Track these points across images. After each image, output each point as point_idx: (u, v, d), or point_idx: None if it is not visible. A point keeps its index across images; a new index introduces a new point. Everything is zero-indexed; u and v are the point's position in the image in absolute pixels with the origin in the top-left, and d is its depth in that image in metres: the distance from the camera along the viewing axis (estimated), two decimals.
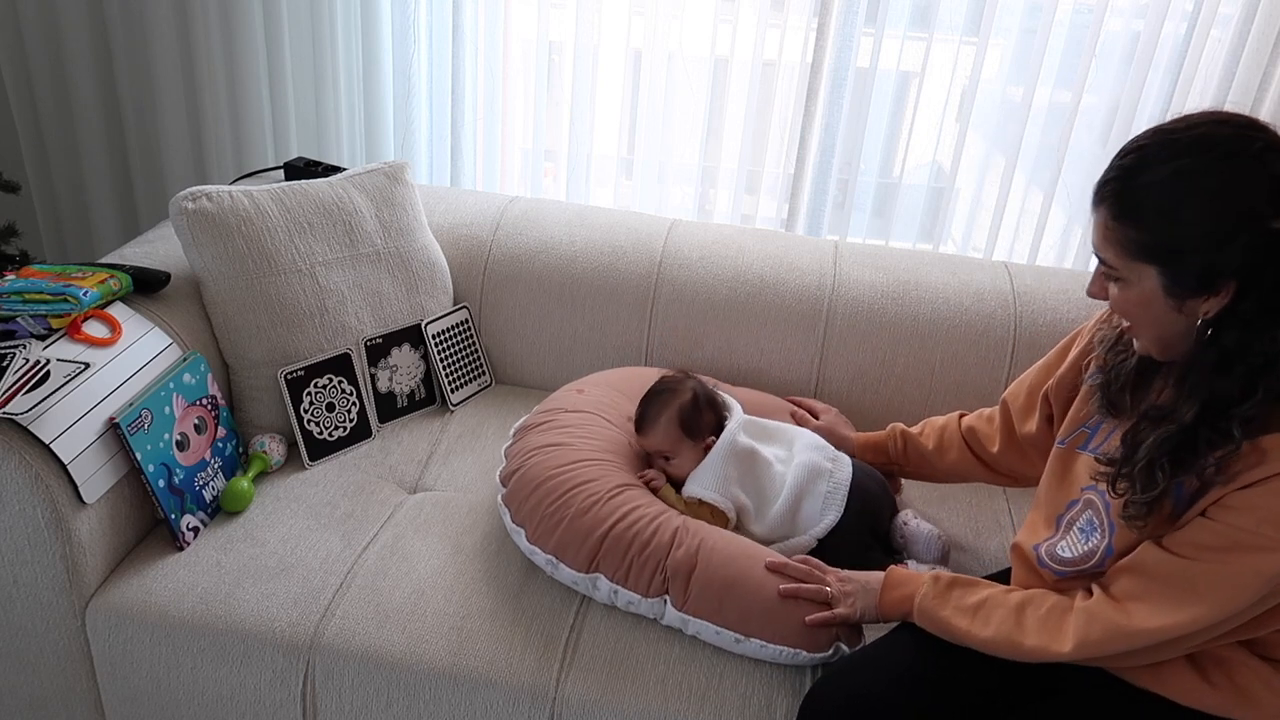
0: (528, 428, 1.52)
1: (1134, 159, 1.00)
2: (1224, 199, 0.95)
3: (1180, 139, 0.97)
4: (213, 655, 1.30)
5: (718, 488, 1.40)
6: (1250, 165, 0.94)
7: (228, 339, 1.57)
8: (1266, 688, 1.03)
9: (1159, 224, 0.98)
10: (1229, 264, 0.95)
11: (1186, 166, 0.96)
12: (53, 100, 2.30)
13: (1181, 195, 0.96)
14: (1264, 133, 0.96)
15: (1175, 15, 2.03)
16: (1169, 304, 1.00)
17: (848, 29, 2.12)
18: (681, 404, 1.45)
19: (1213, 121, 0.98)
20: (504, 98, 2.33)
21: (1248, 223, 0.94)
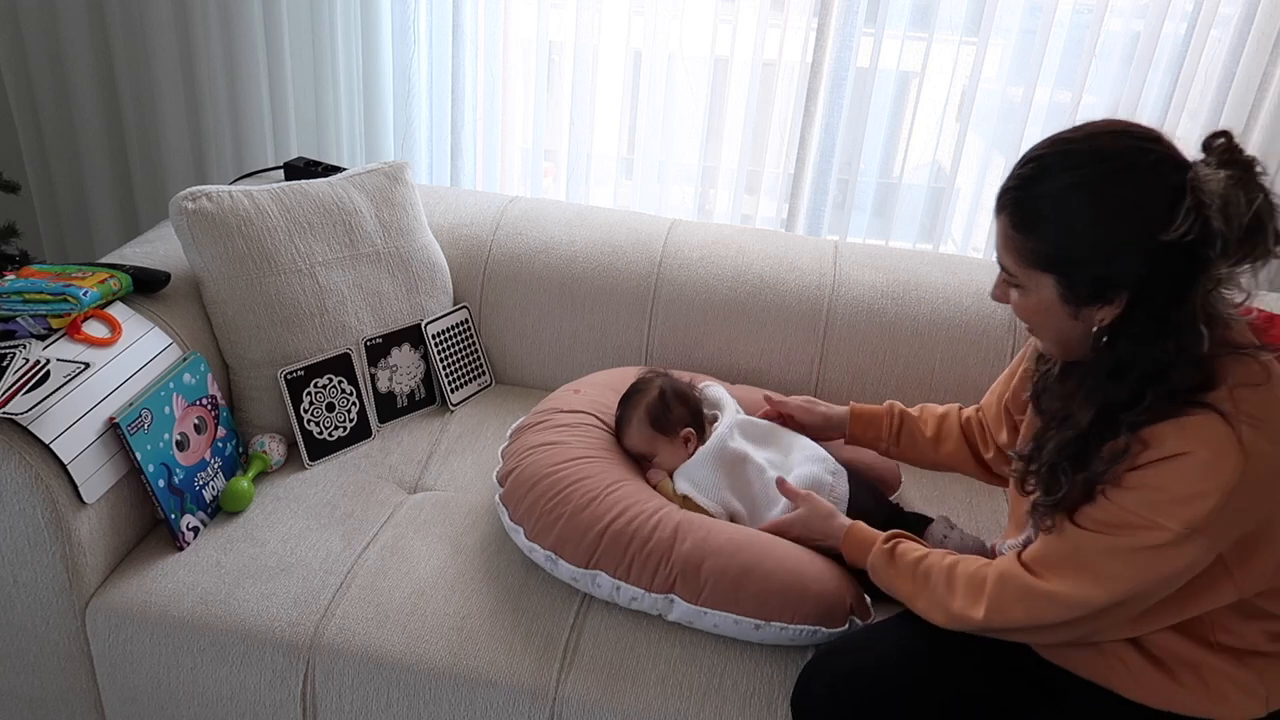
0: (524, 428, 1.52)
1: (1032, 169, 1.01)
2: (1116, 211, 0.97)
3: (1077, 149, 0.99)
4: (213, 655, 1.30)
5: (708, 491, 1.40)
6: (1143, 178, 0.96)
7: (228, 339, 1.57)
8: (1234, 684, 1.04)
9: (1054, 234, 1.00)
10: (1121, 275, 0.97)
11: (1081, 178, 0.98)
12: (53, 100, 2.30)
13: (1076, 207, 0.98)
14: (1159, 145, 0.98)
15: (1175, 15, 2.03)
16: (1066, 311, 1.02)
17: (848, 29, 2.12)
18: (649, 402, 1.46)
19: (1109, 133, 0.99)
20: (504, 98, 2.33)
21: (1139, 235, 0.95)
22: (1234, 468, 0.93)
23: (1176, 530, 0.95)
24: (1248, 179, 0.95)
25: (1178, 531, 0.95)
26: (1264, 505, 0.97)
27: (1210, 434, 0.94)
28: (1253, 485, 0.94)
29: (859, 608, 1.28)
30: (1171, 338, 0.97)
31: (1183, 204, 0.93)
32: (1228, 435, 0.93)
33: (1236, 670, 1.04)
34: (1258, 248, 0.94)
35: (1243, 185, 0.94)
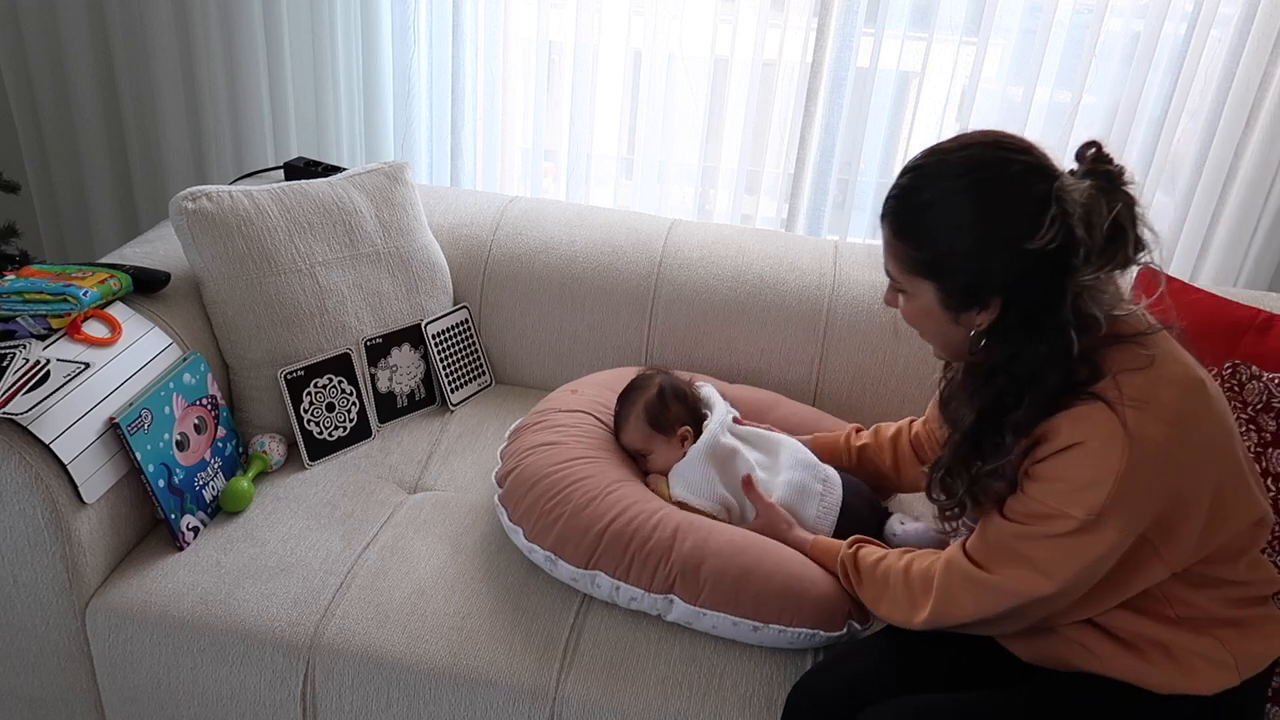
0: (523, 428, 1.52)
1: (910, 179, 1.06)
2: (986, 220, 1.01)
3: (951, 160, 1.03)
4: (213, 655, 1.30)
5: (701, 490, 1.40)
6: (1011, 187, 1.00)
7: (228, 339, 1.57)
8: (1200, 656, 1.06)
9: (931, 242, 1.05)
10: (993, 281, 1.02)
11: (954, 188, 1.02)
12: (53, 100, 2.30)
13: (949, 216, 1.02)
14: (1029, 155, 1.01)
15: (1175, 15, 2.03)
16: (947, 316, 1.07)
17: (848, 29, 2.12)
18: (647, 400, 1.46)
19: (981, 144, 1.03)
20: (504, 98, 2.33)
21: (1008, 243, 0.99)
22: (1121, 453, 0.96)
23: (1081, 518, 0.99)
24: (1110, 188, 0.98)
25: (1082, 519, 0.99)
26: (1167, 482, 0.99)
27: (1097, 423, 0.98)
28: (1146, 466, 0.97)
29: (857, 612, 1.28)
30: (1042, 341, 1.00)
31: (1048, 213, 0.97)
32: (1113, 422, 0.97)
33: (1197, 641, 1.06)
34: (1118, 255, 0.98)
35: (1105, 194, 0.98)
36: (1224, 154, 2.09)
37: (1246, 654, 1.06)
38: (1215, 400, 1.03)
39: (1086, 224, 0.96)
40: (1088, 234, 0.96)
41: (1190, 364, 1.03)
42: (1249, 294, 1.70)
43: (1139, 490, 0.98)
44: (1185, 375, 1.01)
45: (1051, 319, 0.99)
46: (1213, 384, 1.05)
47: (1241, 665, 1.05)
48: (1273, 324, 1.52)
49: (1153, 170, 2.16)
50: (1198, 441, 1.00)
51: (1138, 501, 0.98)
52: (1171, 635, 1.06)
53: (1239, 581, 1.06)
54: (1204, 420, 1.01)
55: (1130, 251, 0.99)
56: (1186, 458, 0.99)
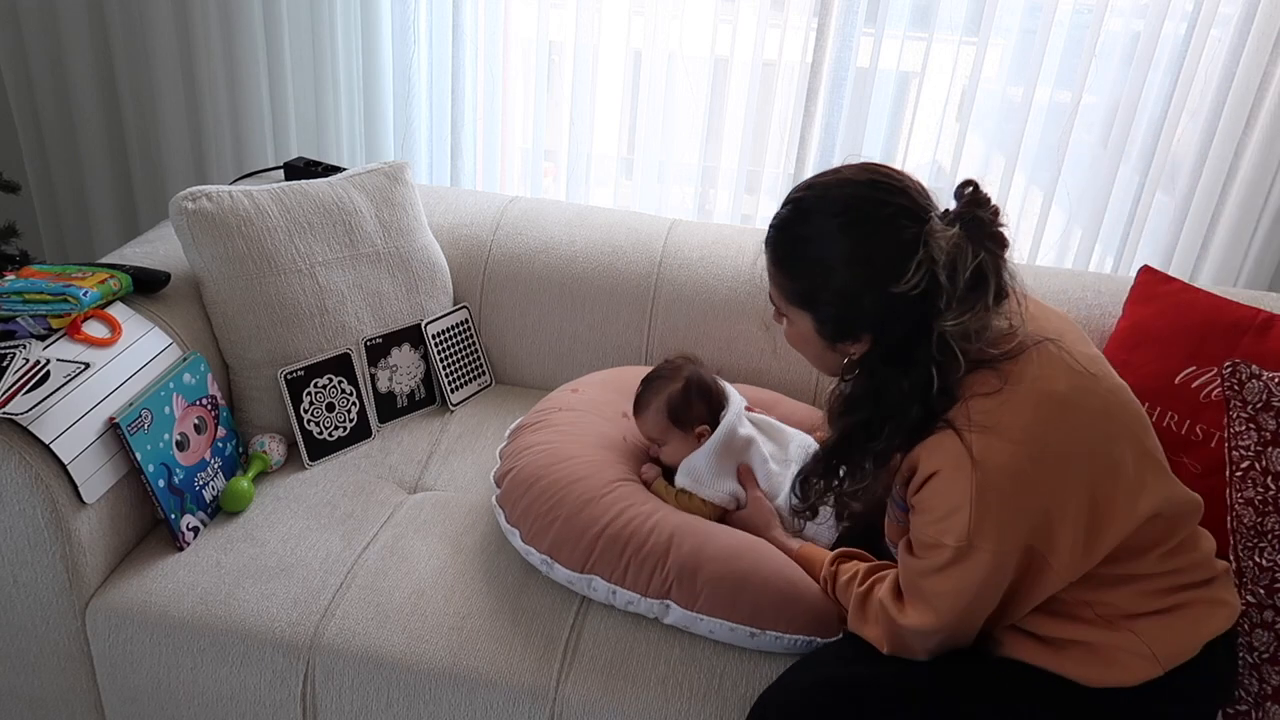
0: (522, 428, 1.52)
1: (789, 211, 1.09)
2: (855, 261, 1.03)
3: (829, 196, 1.06)
4: (213, 655, 1.30)
5: (708, 483, 1.39)
6: (881, 230, 1.02)
7: (228, 339, 1.57)
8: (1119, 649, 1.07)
9: (806, 276, 1.08)
10: (861, 319, 1.06)
11: (827, 228, 1.05)
12: (53, 100, 2.30)
13: (822, 253, 1.06)
14: (903, 195, 1.02)
15: (1175, 15, 2.03)
16: (823, 343, 1.11)
17: (848, 29, 2.12)
18: (671, 393, 1.44)
19: (857, 182, 1.05)
20: (504, 98, 2.33)
21: (875, 284, 1.02)
22: (969, 477, 0.98)
23: (953, 545, 1.01)
24: (978, 234, 0.99)
25: (955, 546, 1.01)
26: (1026, 499, 1.00)
27: (947, 451, 1.01)
28: (998, 487, 0.99)
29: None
30: (905, 377, 1.03)
31: (915, 257, 0.99)
32: (959, 448, 1.00)
33: (1115, 636, 1.07)
34: (978, 303, 1.00)
35: (971, 241, 0.99)
36: (1224, 154, 2.09)
37: (1166, 645, 1.07)
38: (1077, 412, 1.03)
39: (950, 271, 0.98)
40: (950, 281, 0.98)
41: (1048, 378, 1.03)
42: (1249, 294, 1.70)
43: (998, 511, 0.99)
44: (1037, 393, 1.02)
45: (917, 354, 1.02)
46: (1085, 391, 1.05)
47: (1161, 656, 1.06)
48: (1273, 324, 1.52)
49: (1153, 170, 2.16)
50: (1053, 456, 1.01)
51: (1000, 521, 1.00)
52: (1089, 633, 1.08)
53: (1153, 574, 1.07)
54: (1057, 436, 1.02)
55: (990, 300, 1.00)
56: (1042, 473, 1.00)
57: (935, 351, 1.01)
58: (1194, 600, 1.09)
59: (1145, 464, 1.07)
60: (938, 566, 1.04)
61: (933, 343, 1.01)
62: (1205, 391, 1.51)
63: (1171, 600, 1.08)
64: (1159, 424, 1.54)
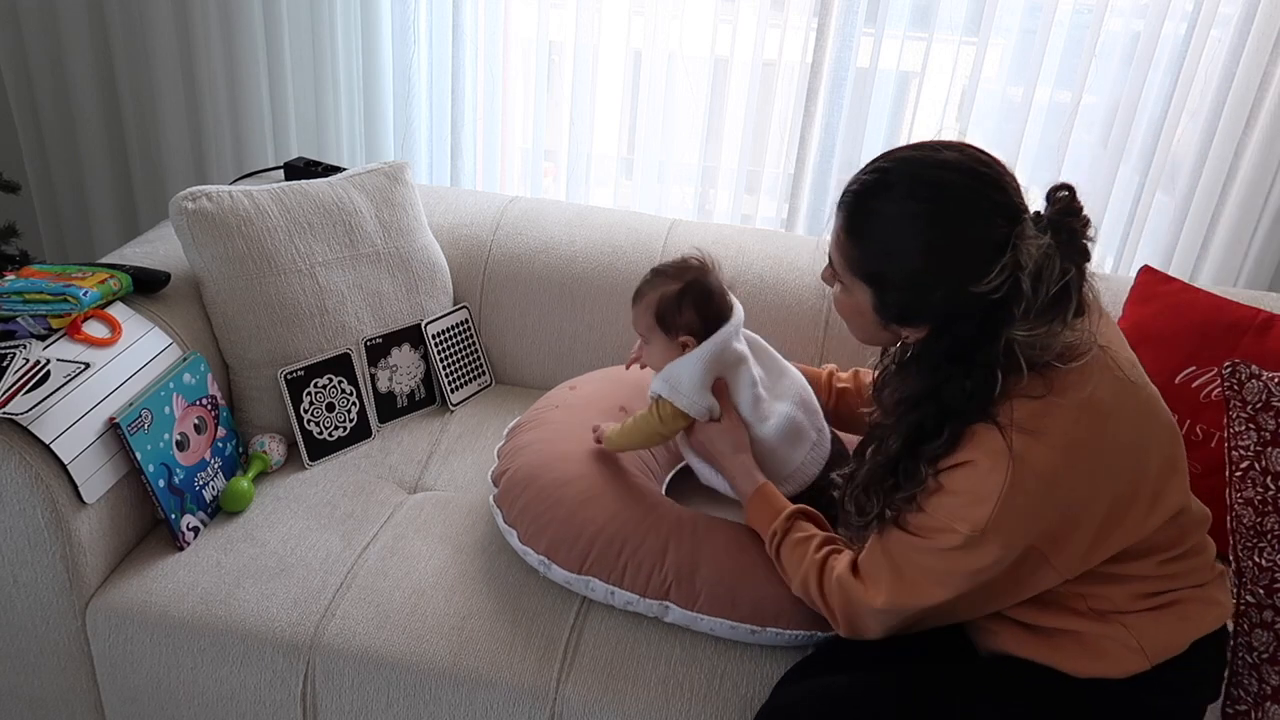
0: (519, 427, 1.52)
1: (875, 179, 1.04)
2: (937, 252, 1.00)
3: (922, 176, 1.01)
4: (213, 655, 1.30)
5: (690, 391, 1.29)
6: (971, 225, 0.98)
7: (228, 339, 1.57)
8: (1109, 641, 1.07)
9: (877, 253, 1.04)
10: (929, 310, 1.03)
11: (914, 209, 1.00)
12: (53, 100, 2.30)
13: (901, 235, 1.02)
14: (1000, 192, 0.99)
15: (1175, 15, 2.03)
16: (878, 321, 1.08)
17: (848, 29, 2.12)
18: (665, 293, 1.31)
19: (957, 166, 1.00)
20: (504, 98, 2.33)
21: (952, 279, 0.99)
22: (1005, 474, 0.98)
23: (965, 533, 1.01)
24: (1069, 248, 0.97)
25: (966, 534, 1.00)
26: (1052, 504, 1.00)
27: (987, 444, 1.00)
28: (1029, 489, 0.98)
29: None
30: (968, 377, 1.01)
31: (1000, 260, 0.96)
32: (1000, 444, 0.98)
33: (1104, 627, 1.08)
34: (1056, 318, 0.97)
35: (1061, 254, 0.96)
36: (1224, 154, 2.09)
37: (1155, 641, 1.07)
38: (1117, 421, 1.02)
39: (1035, 280, 0.95)
40: (1033, 291, 0.95)
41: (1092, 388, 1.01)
42: (1249, 294, 1.70)
43: (1021, 511, 0.99)
44: (1081, 401, 1.01)
45: (980, 356, 1.00)
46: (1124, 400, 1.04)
47: (1150, 651, 1.07)
48: (1273, 324, 1.52)
49: (1153, 170, 2.16)
50: (1086, 466, 1.00)
51: (1020, 521, 1.00)
52: (1078, 623, 1.08)
53: (1148, 577, 1.08)
54: (1096, 445, 1.01)
55: (1069, 316, 0.98)
56: (1073, 481, 1.00)
57: (1001, 356, 0.98)
58: (1186, 599, 1.09)
59: (1166, 475, 1.06)
60: (938, 549, 1.04)
61: (999, 347, 0.98)
62: (1205, 391, 1.51)
63: (1163, 599, 1.09)
64: None
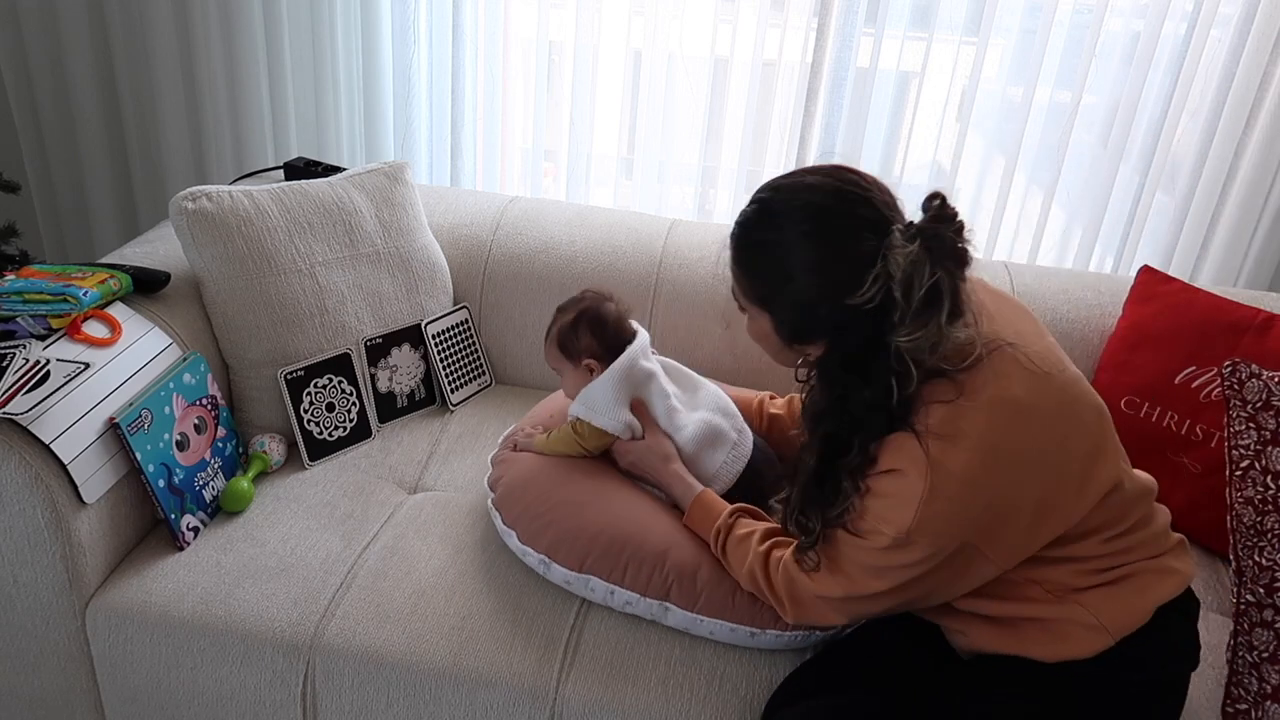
0: (517, 433, 1.52)
1: (754, 212, 1.10)
2: (812, 272, 1.05)
3: (794, 202, 1.06)
4: (213, 655, 1.30)
5: (605, 411, 1.37)
6: (839, 241, 1.03)
7: (228, 339, 1.57)
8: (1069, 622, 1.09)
9: (763, 279, 1.11)
10: (817, 326, 1.08)
11: (790, 234, 1.05)
12: (53, 100, 2.30)
13: (780, 260, 1.07)
14: (866, 207, 1.03)
15: (1175, 15, 2.03)
16: (780, 342, 1.13)
17: (848, 29, 2.12)
18: (562, 324, 1.43)
19: (825, 190, 1.05)
20: (504, 98, 2.33)
21: (830, 296, 1.03)
22: (924, 481, 1.00)
23: (891, 535, 1.04)
24: (939, 253, 0.99)
25: (892, 536, 1.04)
26: (975, 505, 1.02)
27: (905, 452, 1.03)
28: (949, 493, 1.01)
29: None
30: (866, 386, 1.04)
31: (872, 271, 1.00)
32: (918, 452, 1.01)
33: (1063, 609, 1.09)
34: (931, 320, 0.99)
35: (930, 258, 0.98)
36: (1224, 154, 2.09)
37: (1114, 615, 1.08)
38: (1033, 415, 1.04)
39: (906, 287, 0.98)
40: (904, 298, 0.98)
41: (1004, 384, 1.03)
42: (1249, 294, 1.70)
43: (944, 515, 1.02)
44: (993, 401, 1.02)
45: (873, 365, 1.03)
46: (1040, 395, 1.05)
47: (1111, 626, 1.07)
48: (1273, 324, 1.53)
49: (1153, 170, 2.16)
50: (1006, 464, 1.02)
51: (944, 524, 1.03)
52: (1038, 609, 1.09)
53: (1095, 556, 1.09)
54: (1014, 443, 1.03)
55: (943, 319, 0.99)
56: (994, 481, 1.02)
57: (893, 363, 1.01)
58: (1140, 571, 1.10)
59: (1094, 458, 1.07)
60: (871, 549, 1.07)
61: (889, 355, 1.01)
62: (1205, 391, 1.51)
63: (1116, 574, 1.09)
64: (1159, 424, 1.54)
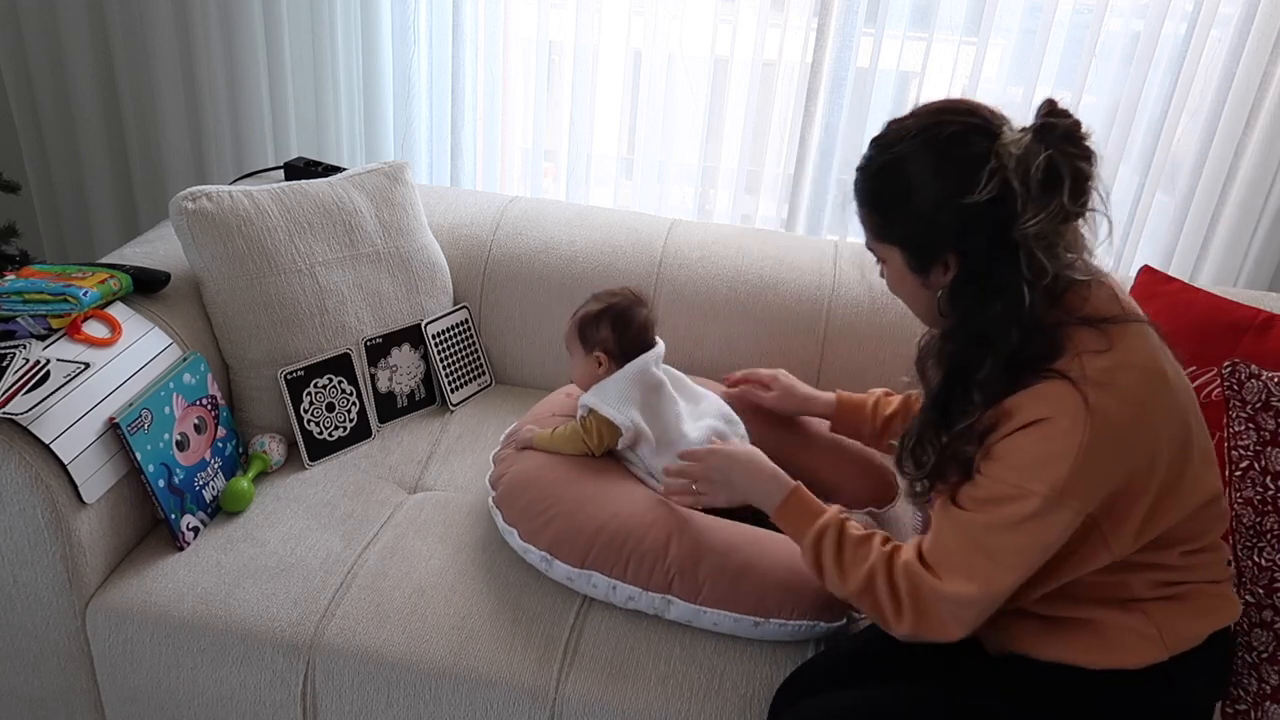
0: (517, 433, 1.52)
1: (871, 150, 1.11)
2: (925, 179, 1.04)
3: (903, 126, 1.07)
4: (213, 655, 1.30)
5: (616, 404, 1.40)
6: (947, 146, 1.03)
7: (228, 339, 1.57)
8: (1128, 631, 1.07)
9: (887, 207, 1.09)
10: (942, 238, 1.05)
11: (900, 152, 1.06)
12: (53, 100, 2.30)
13: (899, 179, 1.07)
14: (972, 115, 1.04)
15: (1175, 15, 2.03)
16: (916, 279, 1.10)
17: (848, 29, 2.12)
18: (590, 310, 1.47)
19: (930, 110, 1.07)
20: (504, 98, 2.33)
21: (948, 199, 1.02)
22: (1084, 426, 0.98)
23: (1043, 493, 0.99)
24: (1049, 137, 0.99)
25: (1045, 494, 0.99)
26: (1121, 462, 1.00)
27: (1059, 398, 0.99)
28: (1106, 442, 0.98)
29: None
30: (997, 298, 1.02)
31: (985, 167, 0.99)
32: (1076, 397, 0.98)
33: (1124, 617, 1.07)
34: (1053, 200, 0.98)
35: (1042, 142, 0.99)
36: (1224, 154, 2.09)
37: (1174, 630, 1.07)
38: (1175, 393, 1.04)
39: (1022, 173, 0.98)
40: (1022, 183, 0.98)
41: (1155, 356, 1.04)
42: (1249, 294, 1.70)
43: (1097, 467, 0.99)
44: (1146, 363, 1.03)
45: (1002, 274, 1.01)
46: (1179, 378, 1.06)
47: (1169, 640, 1.06)
48: (1273, 324, 1.52)
49: (1153, 170, 2.16)
50: (1151, 427, 1.01)
51: (1094, 479, 1.00)
52: (1099, 613, 1.08)
53: (1170, 566, 1.08)
54: (1160, 409, 1.02)
55: (1065, 197, 0.99)
56: (1140, 441, 1.01)
57: (1023, 268, 1.00)
58: (1202, 592, 1.09)
59: (1208, 462, 1.08)
60: (1015, 520, 1.01)
61: (1019, 258, 1.00)
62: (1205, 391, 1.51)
63: (1180, 589, 1.08)
64: None
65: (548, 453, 1.44)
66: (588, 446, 1.41)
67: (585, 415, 1.42)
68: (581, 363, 1.47)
